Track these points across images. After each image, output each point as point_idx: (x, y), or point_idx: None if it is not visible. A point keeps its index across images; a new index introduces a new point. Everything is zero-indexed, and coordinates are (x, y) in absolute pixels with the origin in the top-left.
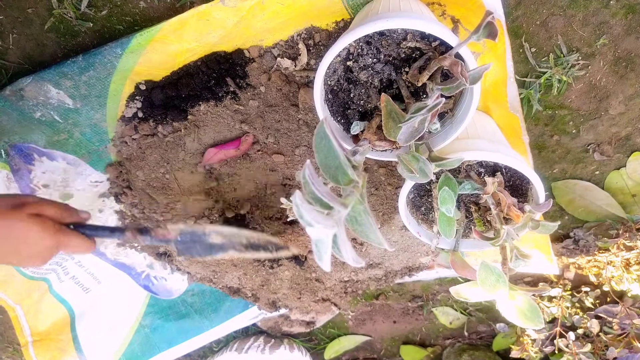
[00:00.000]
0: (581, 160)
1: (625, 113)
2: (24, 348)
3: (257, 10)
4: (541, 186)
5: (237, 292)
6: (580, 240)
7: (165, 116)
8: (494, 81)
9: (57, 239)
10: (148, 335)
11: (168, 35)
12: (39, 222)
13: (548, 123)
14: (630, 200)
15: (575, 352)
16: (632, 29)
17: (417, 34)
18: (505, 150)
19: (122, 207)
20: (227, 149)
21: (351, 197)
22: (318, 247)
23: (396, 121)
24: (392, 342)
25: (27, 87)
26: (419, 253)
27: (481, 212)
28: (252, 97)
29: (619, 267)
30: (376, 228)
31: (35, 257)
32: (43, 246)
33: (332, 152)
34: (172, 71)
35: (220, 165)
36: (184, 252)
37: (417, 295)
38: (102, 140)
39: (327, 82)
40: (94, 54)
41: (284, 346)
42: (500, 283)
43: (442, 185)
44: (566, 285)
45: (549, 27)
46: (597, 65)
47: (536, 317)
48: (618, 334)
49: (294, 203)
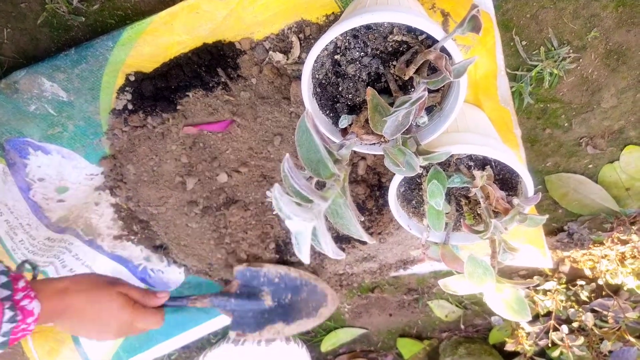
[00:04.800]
0: (574, 153)
1: (618, 106)
2: (23, 340)
3: (246, 3)
4: (530, 180)
5: None
6: (574, 233)
7: (155, 107)
8: (484, 74)
9: (135, 315)
10: None
11: (159, 27)
12: (123, 297)
13: (540, 116)
14: (624, 193)
15: (568, 345)
16: (623, 22)
17: (404, 28)
18: (493, 143)
19: (118, 200)
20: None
21: (332, 190)
22: (297, 239)
23: (382, 114)
24: (389, 335)
25: (21, 80)
26: (413, 246)
27: (471, 206)
28: (244, 89)
29: (613, 260)
30: (356, 221)
31: (110, 329)
32: (121, 319)
33: (313, 146)
34: (163, 63)
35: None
36: (237, 326)
37: (413, 288)
38: (96, 133)
39: (315, 76)
40: (86, 47)
41: (281, 338)
42: (488, 276)
43: (431, 179)
44: (561, 278)
45: (540, 20)
46: (588, 59)
47: (523, 310)
48: (612, 327)
49: (272, 196)
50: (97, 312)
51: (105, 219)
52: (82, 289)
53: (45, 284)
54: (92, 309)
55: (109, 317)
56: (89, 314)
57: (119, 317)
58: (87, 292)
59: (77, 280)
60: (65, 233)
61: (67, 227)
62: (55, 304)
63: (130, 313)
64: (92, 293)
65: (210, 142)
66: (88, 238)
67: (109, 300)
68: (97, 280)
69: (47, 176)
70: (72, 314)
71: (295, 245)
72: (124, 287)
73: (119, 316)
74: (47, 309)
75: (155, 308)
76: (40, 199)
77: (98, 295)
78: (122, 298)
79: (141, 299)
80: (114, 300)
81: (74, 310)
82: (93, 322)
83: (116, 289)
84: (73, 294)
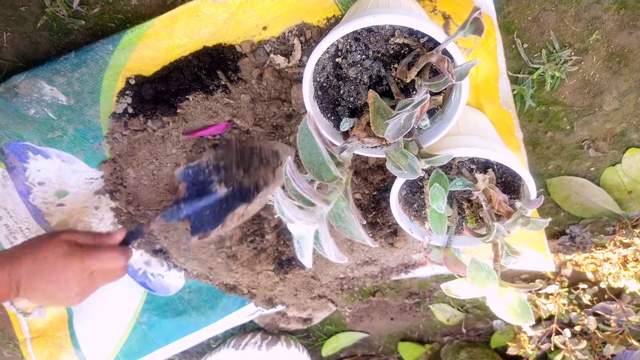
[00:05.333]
0: (576, 156)
1: (620, 109)
2: (23, 345)
3: (247, 6)
4: (532, 183)
5: (234, 289)
6: (576, 237)
7: (155, 111)
8: (486, 77)
9: (86, 257)
10: (145, 332)
11: (159, 31)
12: (68, 243)
13: (542, 119)
14: (626, 196)
15: (571, 349)
16: (625, 24)
17: (405, 30)
18: (496, 146)
19: (118, 204)
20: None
21: (334, 193)
22: (299, 243)
23: (384, 117)
24: (390, 339)
25: (20, 83)
26: (414, 250)
27: (473, 209)
28: (244, 91)
29: (615, 264)
30: (359, 225)
31: (68, 281)
32: (73, 267)
33: (315, 149)
34: (163, 66)
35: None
36: (198, 229)
37: (414, 292)
38: (96, 136)
39: (317, 79)
40: (86, 50)
41: (281, 343)
42: (490, 280)
43: (433, 182)
44: (563, 282)
45: (541, 23)
46: (590, 61)
47: (526, 314)
48: (615, 330)
49: (275, 199)
50: (46, 270)
51: (105, 223)
52: (25, 252)
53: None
54: (41, 268)
55: (59, 269)
56: (40, 276)
57: (70, 266)
58: (31, 252)
59: (22, 244)
60: None
61: None
62: (6, 273)
63: (80, 255)
64: (35, 251)
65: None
66: None
67: (53, 251)
68: (37, 238)
69: (46, 180)
70: (25, 281)
71: (297, 250)
72: (67, 233)
73: (70, 264)
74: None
75: (114, 247)
76: (40, 203)
77: (41, 251)
78: (67, 244)
79: (92, 241)
80: (58, 246)
81: (26, 277)
82: (49, 283)
83: (58, 238)
84: (19, 259)
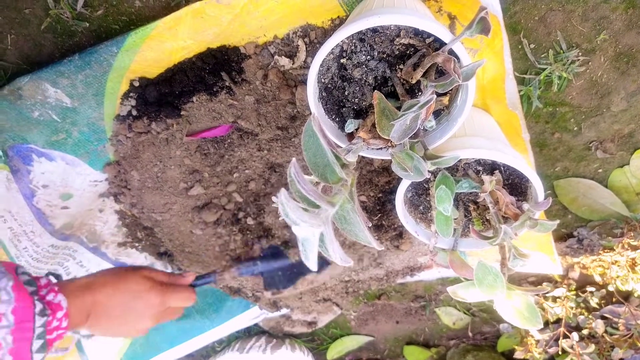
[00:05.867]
0: (583, 158)
1: (628, 110)
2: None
3: (251, 7)
4: (540, 184)
5: (238, 292)
6: (584, 239)
7: (159, 113)
8: (492, 78)
9: (165, 294)
10: (149, 335)
11: (163, 33)
12: (149, 280)
13: (549, 120)
14: (635, 198)
15: (579, 352)
16: (633, 24)
17: (411, 31)
18: (502, 148)
19: (122, 207)
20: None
21: (339, 195)
22: (304, 246)
23: (389, 119)
24: (396, 343)
25: (25, 86)
26: (420, 252)
27: (480, 211)
28: (248, 93)
29: (624, 266)
30: (365, 227)
31: (144, 315)
32: (152, 301)
33: (320, 150)
34: (167, 68)
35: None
36: (270, 286)
37: (420, 295)
38: (100, 139)
39: (321, 80)
40: (90, 52)
41: (286, 346)
42: (498, 283)
43: (439, 184)
44: (571, 285)
45: (548, 23)
46: (597, 62)
47: (534, 317)
48: (624, 334)
49: (279, 201)
50: (127, 301)
51: (110, 226)
52: (106, 282)
53: (67, 282)
54: (122, 299)
55: (139, 302)
56: (119, 305)
57: (150, 300)
58: (112, 283)
59: (99, 274)
60: (69, 240)
61: (71, 234)
62: (81, 300)
63: (160, 292)
64: (117, 282)
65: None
66: (92, 245)
67: (136, 285)
68: (119, 271)
69: (51, 183)
70: (101, 309)
71: (302, 252)
72: (147, 270)
73: (150, 299)
74: (74, 306)
75: (187, 288)
76: (44, 205)
77: (123, 283)
78: (149, 281)
79: (168, 280)
80: (140, 283)
81: (103, 305)
82: (125, 313)
83: (140, 274)
84: (98, 288)
